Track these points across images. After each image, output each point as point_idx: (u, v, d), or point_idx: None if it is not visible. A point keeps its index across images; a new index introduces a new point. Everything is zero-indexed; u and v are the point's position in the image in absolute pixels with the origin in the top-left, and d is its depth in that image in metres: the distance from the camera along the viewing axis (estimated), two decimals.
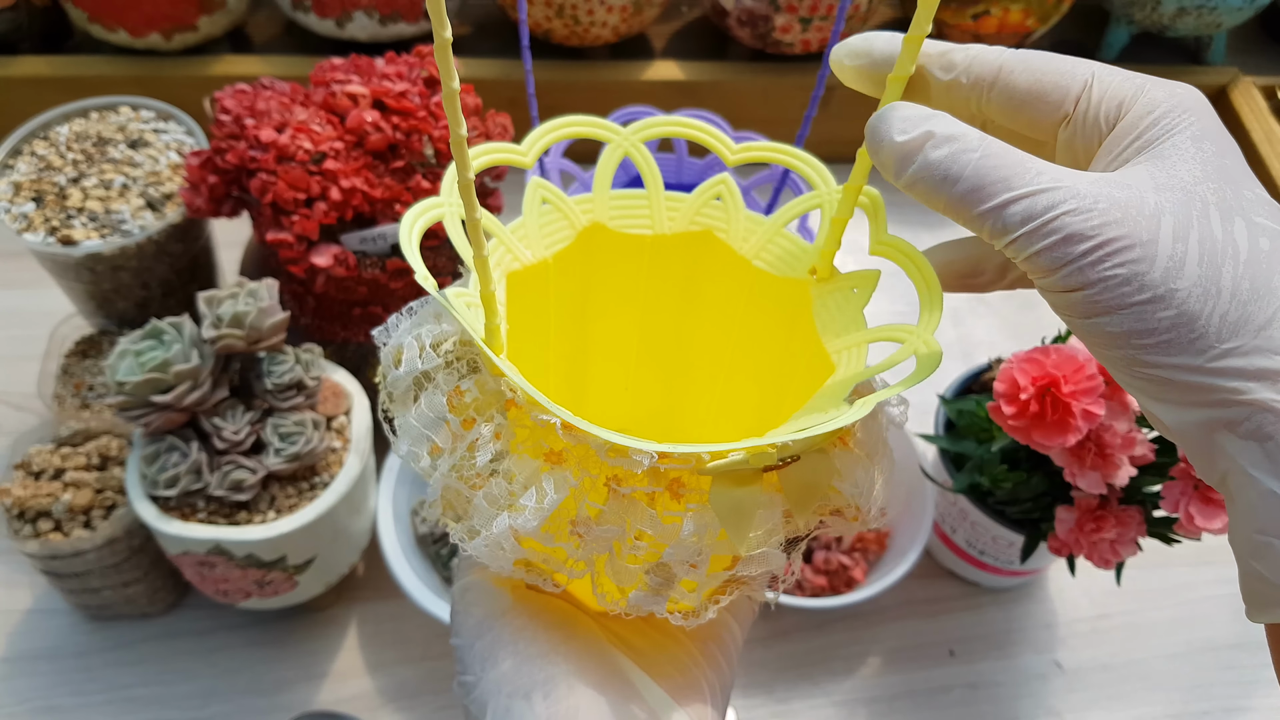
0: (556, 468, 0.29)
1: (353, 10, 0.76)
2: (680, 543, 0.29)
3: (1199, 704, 0.59)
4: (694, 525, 0.29)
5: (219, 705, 0.55)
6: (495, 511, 0.29)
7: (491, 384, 0.29)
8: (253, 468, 0.48)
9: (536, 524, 0.28)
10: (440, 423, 0.30)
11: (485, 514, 0.29)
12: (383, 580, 0.59)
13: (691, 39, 0.89)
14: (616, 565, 0.30)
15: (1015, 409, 0.45)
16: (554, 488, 0.29)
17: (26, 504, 0.50)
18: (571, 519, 0.29)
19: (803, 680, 0.58)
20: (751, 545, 0.29)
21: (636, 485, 0.29)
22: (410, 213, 0.30)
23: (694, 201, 0.37)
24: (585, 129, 0.34)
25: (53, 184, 0.57)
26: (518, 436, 0.30)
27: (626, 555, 0.30)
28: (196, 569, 0.50)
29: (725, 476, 0.29)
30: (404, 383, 0.31)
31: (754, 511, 0.29)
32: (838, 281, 0.36)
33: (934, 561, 0.64)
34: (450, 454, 0.30)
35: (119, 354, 0.46)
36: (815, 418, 0.30)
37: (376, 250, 0.52)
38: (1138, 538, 0.49)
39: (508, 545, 0.29)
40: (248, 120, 0.50)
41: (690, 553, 0.29)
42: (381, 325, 0.31)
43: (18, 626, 0.57)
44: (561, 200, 0.36)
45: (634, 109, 0.64)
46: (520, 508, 0.29)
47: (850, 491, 0.31)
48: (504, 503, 0.29)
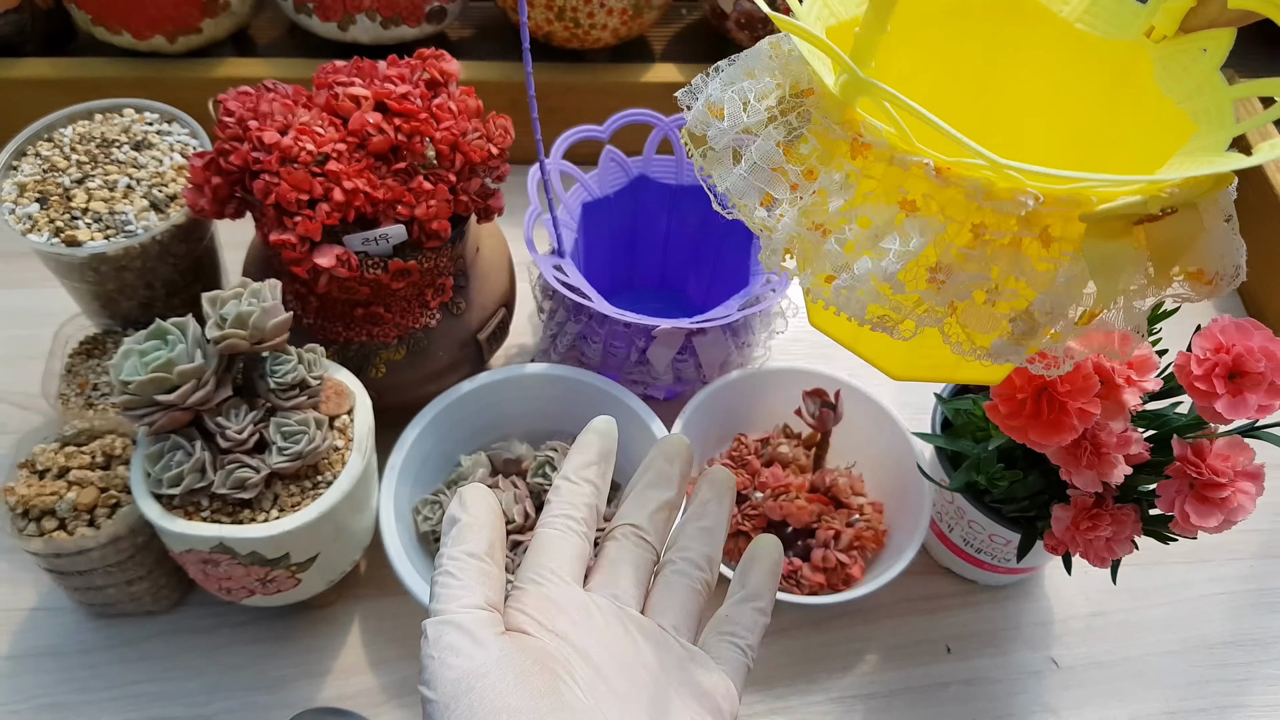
0: (914, 214, 0.29)
1: (355, 13, 0.76)
2: (1051, 291, 0.29)
3: (1194, 701, 0.59)
4: (1066, 274, 0.29)
5: (223, 702, 0.55)
6: (850, 257, 0.29)
7: (837, 132, 0.29)
8: (256, 466, 0.48)
9: (899, 267, 0.28)
10: (775, 174, 0.30)
11: (839, 259, 0.29)
12: (385, 578, 0.60)
13: (691, 42, 0.90)
14: (978, 312, 0.30)
15: (1011, 408, 0.45)
16: (918, 231, 0.28)
17: (31, 502, 0.51)
18: (931, 265, 0.29)
19: (800, 677, 0.59)
20: (1115, 296, 0.29)
21: (1005, 229, 0.28)
22: None
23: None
24: None
25: (57, 185, 0.57)
26: (864, 186, 0.29)
27: (995, 302, 0.29)
28: (200, 567, 0.50)
29: (1098, 228, 0.28)
30: (726, 137, 0.31)
31: (1125, 264, 0.29)
32: (1182, 43, 0.34)
33: (931, 559, 0.64)
34: (793, 203, 0.30)
35: (123, 354, 0.47)
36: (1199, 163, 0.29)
37: (379, 251, 0.53)
38: (1133, 536, 0.49)
39: (867, 289, 0.29)
40: (251, 122, 0.51)
41: (1060, 301, 0.29)
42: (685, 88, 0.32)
43: (22, 624, 0.58)
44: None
45: (634, 112, 0.64)
46: (882, 251, 0.28)
47: (1212, 252, 0.31)
48: (861, 246, 0.29)
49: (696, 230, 0.70)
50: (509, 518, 0.59)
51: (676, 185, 0.68)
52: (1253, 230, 0.81)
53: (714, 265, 0.71)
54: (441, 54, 0.56)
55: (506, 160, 0.56)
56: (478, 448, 0.63)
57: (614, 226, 0.70)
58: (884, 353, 0.38)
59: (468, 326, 0.60)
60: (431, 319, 0.58)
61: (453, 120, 0.53)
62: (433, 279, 0.57)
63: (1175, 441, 0.47)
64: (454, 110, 0.54)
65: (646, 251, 0.73)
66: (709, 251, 0.71)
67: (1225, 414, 0.43)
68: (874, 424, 0.63)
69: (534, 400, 0.63)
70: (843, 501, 0.60)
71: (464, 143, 0.53)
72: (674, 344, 0.61)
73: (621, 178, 0.68)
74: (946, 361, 0.38)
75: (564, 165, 0.64)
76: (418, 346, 0.59)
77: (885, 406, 0.62)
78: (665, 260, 0.74)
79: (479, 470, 0.61)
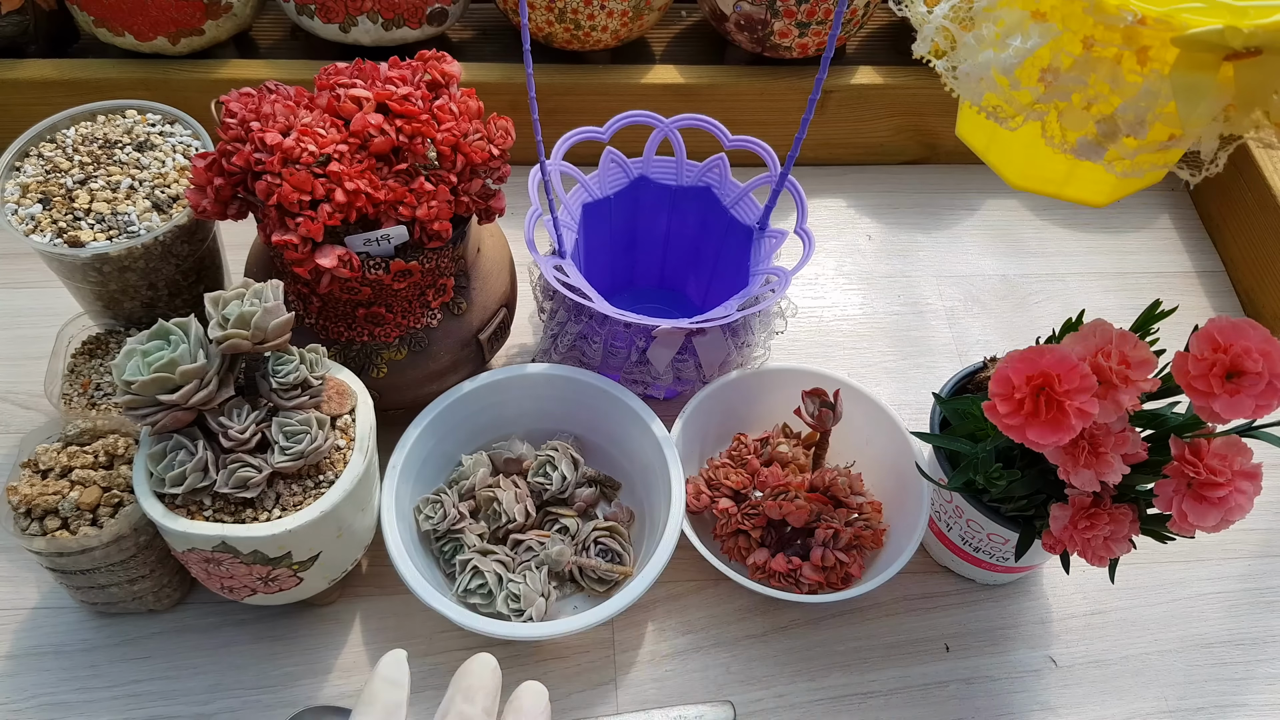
0: (1042, 20, 0.35)
1: (357, 15, 0.77)
2: (1133, 101, 0.35)
3: (1192, 700, 0.60)
4: (1149, 89, 0.34)
5: (224, 700, 0.56)
6: (982, 49, 0.36)
7: None
8: (258, 466, 0.48)
9: (1017, 62, 0.35)
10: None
11: (971, 51, 0.36)
12: (386, 576, 0.60)
13: (690, 43, 0.90)
14: (1073, 112, 0.36)
15: (1009, 408, 0.46)
16: (1039, 34, 0.35)
17: (34, 502, 0.51)
18: (1044, 66, 0.35)
19: (800, 675, 0.59)
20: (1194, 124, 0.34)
21: (1110, 42, 0.34)
22: None
23: None
24: None
25: (60, 186, 0.57)
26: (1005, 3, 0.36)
27: (1089, 105, 0.35)
28: (202, 566, 0.51)
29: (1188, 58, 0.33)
30: None
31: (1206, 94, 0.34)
32: None
33: (930, 558, 0.64)
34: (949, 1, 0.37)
35: (126, 354, 0.47)
36: None
37: (380, 251, 0.53)
38: (1131, 535, 0.49)
39: (986, 78, 0.36)
40: (253, 123, 0.51)
41: (1140, 111, 0.35)
42: None
43: (25, 623, 0.58)
44: None
45: (635, 114, 0.65)
46: (1005, 46, 0.35)
47: None
48: (991, 42, 0.36)
49: (696, 231, 0.71)
50: (509, 517, 0.59)
51: (676, 186, 0.69)
52: (1251, 230, 0.81)
53: (714, 266, 0.72)
54: (443, 56, 0.56)
55: (507, 161, 0.56)
56: (479, 447, 0.64)
57: (614, 227, 0.70)
58: (1007, 162, 0.46)
59: (469, 326, 0.61)
60: (433, 319, 0.59)
61: (454, 121, 0.53)
62: (434, 279, 0.57)
63: (1173, 441, 0.47)
64: (455, 112, 0.54)
65: (646, 252, 0.73)
66: (709, 252, 0.71)
67: (1223, 414, 0.43)
68: (873, 423, 0.64)
69: (535, 400, 0.63)
70: (842, 501, 0.61)
71: (465, 144, 0.54)
72: (674, 344, 0.61)
73: (622, 179, 0.68)
74: (1056, 177, 0.45)
75: (564, 166, 0.64)
76: (419, 346, 0.59)
77: (884, 406, 0.63)
78: (665, 261, 0.74)
79: (480, 469, 0.61)
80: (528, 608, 0.55)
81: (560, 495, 0.62)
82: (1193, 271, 0.83)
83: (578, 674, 0.58)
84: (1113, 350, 0.45)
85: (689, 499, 0.60)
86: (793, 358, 0.75)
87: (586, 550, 0.60)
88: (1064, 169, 0.43)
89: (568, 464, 0.62)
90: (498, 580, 0.57)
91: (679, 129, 0.65)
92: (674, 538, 0.56)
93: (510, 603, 0.56)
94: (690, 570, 0.62)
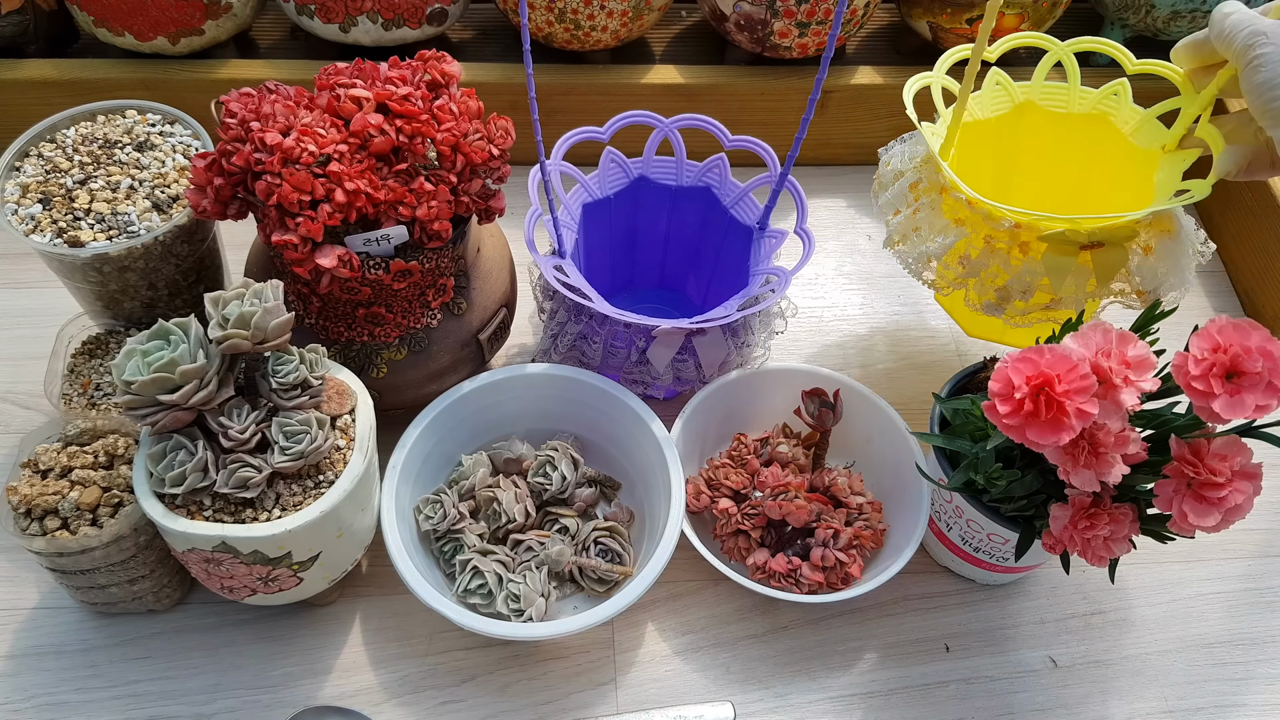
0: (959, 226, 0.57)
1: (357, 15, 0.77)
2: (1018, 277, 0.55)
3: (1192, 700, 0.60)
4: (1029, 269, 0.55)
5: (224, 700, 0.56)
6: (921, 244, 0.59)
7: (937, 180, 0.58)
8: (258, 466, 0.48)
9: (942, 252, 0.58)
10: (905, 195, 0.61)
11: (915, 242, 0.59)
12: (386, 576, 0.60)
13: (690, 43, 0.90)
14: (980, 285, 0.57)
15: (1010, 408, 0.46)
16: (955, 234, 0.57)
17: (34, 502, 0.51)
18: (960, 255, 0.57)
19: (800, 675, 0.59)
20: (1064, 293, 0.54)
21: (1002, 239, 0.55)
22: (911, 80, 0.60)
23: (1098, 94, 0.64)
24: None
25: (60, 186, 0.57)
26: (938, 210, 0.59)
27: (988, 280, 0.56)
28: (202, 566, 0.51)
29: (1054, 248, 0.52)
30: (889, 174, 0.63)
31: (1069, 272, 0.52)
32: (1174, 156, 0.59)
33: (930, 558, 0.64)
34: (908, 213, 0.60)
35: (126, 354, 0.47)
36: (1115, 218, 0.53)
37: (380, 251, 0.53)
38: (1131, 535, 0.49)
39: (923, 262, 0.59)
40: (253, 123, 0.51)
41: (1022, 285, 0.55)
42: (883, 147, 0.66)
43: (24, 623, 0.58)
44: (1009, 84, 0.65)
45: (635, 114, 0.65)
46: (935, 242, 0.58)
47: (1144, 277, 0.55)
48: (927, 239, 0.58)
49: (696, 231, 0.71)
50: (509, 517, 0.59)
51: (676, 186, 0.69)
52: (1249, 232, 0.81)
53: (714, 266, 0.72)
54: (443, 56, 0.56)
55: (507, 161, 0.56)
56: (479, 447, 0.64)
57: (614, 227, 0.70)
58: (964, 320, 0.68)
59: (469, 326, 0.61)
60: (433, 319, 0.59)
61: (454, 121, 0.53)
62: (434, 279, 0.57)
63: (1173, 441, 0.47)
64: (455, 112, 0.54)
65: (646, 252, 0.73)
66: (709, 252, 0.71)
67: (1223, 414, 0.43)
68: (873, 423, 0.64)
69: (535, 400, 0.63)
70: (842, 501, 0.61)
71: (465, 144, 0.54)
72: (674, 344, 0.61)
73: (622, 179, 0.68)
74: (994, 331, 0.67)
75: (564, 166, 0.64)
76: (419, 346, 0.59)
77: (884, 406, 0.63)
78: (665, 261, 0.74)
79: (480, 469, 0.61)
80: (528, 608, 0.55)
81: (560, 495, 0.62)
82: None
83: (578, 674, 0.58)
84: (1113, 350, 0.45)
85: (689, 499, 0.60)
86: (793, 358, 0.75)
87: (586, 550, 0.60)
88: (1000, 325, 0.61)
89: (568, 464, 0.62)
90: (498, 580, 0.57)
91: (679, 129, 0.65)
92: (674, 538, 0.56)
93: (510, 603, 0.56)
94: (690, 570, 0.62)
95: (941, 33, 0.84)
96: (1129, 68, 0.62)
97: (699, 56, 0.88)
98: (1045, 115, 0.65)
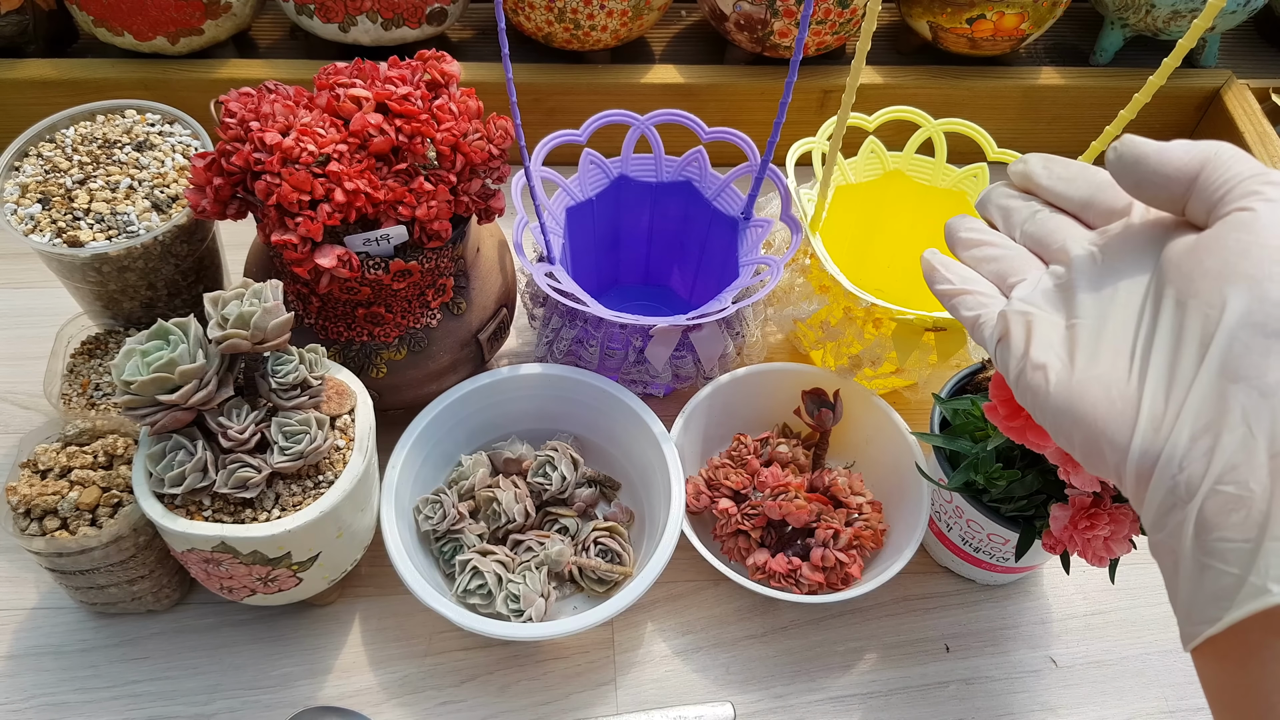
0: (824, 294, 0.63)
1: (356, 15, 0.77)
2: (870, 348, 0.61)
3: (1192, 700, 0.59)
4: (879, 342, 0.61)
5: (224, 700, 0.56)
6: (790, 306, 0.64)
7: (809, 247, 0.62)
8: (258, 466, 0.48)
9: (805, 316, 0.63)
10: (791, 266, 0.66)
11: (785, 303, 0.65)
12: (386, 576, 0.60)
13: (690, 43, 0.90)
14: (836, 349, 0.63)
15: (1010, 409, 0.46)
16: (819, 301, 0.63)
17: (33, 502, 0.51)
18: (822, 321, 0.63)
19: (800, 675, 0.59)
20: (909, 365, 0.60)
21: (858, 313, 0.61)
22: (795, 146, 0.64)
23: (960, 173, 0.69)
24: None
25: (59, 186, 0.57)
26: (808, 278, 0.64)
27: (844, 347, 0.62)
28: (202, 566, 0.51)
29: (901, 327, 0.58)
30: None
31: (914, 348, 0.59)
32: None
33: (930, 558, 0.64)
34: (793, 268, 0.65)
35: (125, 354, 0.47)
36: None
37: (380, 251, 0.53)
38: (1131, 535, 0.49)
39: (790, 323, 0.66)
40: (253, 123, 0.51)
41: (873, 355, 0.61)
42: None
43: (24, 623, 0.58)
44: (882, 152, 0.69)
45: (611, 113, 0.64)
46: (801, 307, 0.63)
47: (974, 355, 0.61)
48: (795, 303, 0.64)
49: (679, 225, 0.71)
50: (509, 517, 0.59)
51: (657, 183, 0.68)
52: None
53: (699, 259, 0.71)
54: (442, 55, 0.56)
55: (507, 161, 0.56)
56: (478, 447, 0.64)
57: (597, 228, 0.70)
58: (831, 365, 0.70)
59: (468, 326, 0.61)
60: (432, 319, 0.59)
61: (453, 121, 0.53)
62: (434, 279, 0.57)
63: None
64: (455, 111, 0.54)
65: (630, 249, 0.73)
66: (693, 245, 0.71)
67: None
68: (873, 423, 0.64)
69: (534, 400, 0.63)
70: (841, 501, 0.61)
71: (465, 144, 0.53)
72: (671, 342, 0.61)
73: (602, 179, 0.68)
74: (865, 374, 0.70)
75: (546, 171, 0.64)
76: (419, 346, 0.59)
77: (884, 406, 0.63)
78: (649, 257, 0.74)
79: (479, 470, 0.61)
80: (527, 608, 0.55)
81: (560, 495, 0.62)
82: None
83: (578, 674, 0.58)
84: None
85: (689, 499, 0.60)
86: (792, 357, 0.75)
87: (586, 550, 0.60)
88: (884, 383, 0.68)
89: (567, 464, 0.62)
90: (497, 580, 0.57)
91: (655, 125, 0.65)
92: (674, 538, 0.56)
93: (510, 603, 0.56)
94: (690, 570, 0.62)
95: (941, 32, 0.83)
96: (990, 155, 0.66)
97: (699, 56, 0.88)
98: (912, 185, 0.69)
